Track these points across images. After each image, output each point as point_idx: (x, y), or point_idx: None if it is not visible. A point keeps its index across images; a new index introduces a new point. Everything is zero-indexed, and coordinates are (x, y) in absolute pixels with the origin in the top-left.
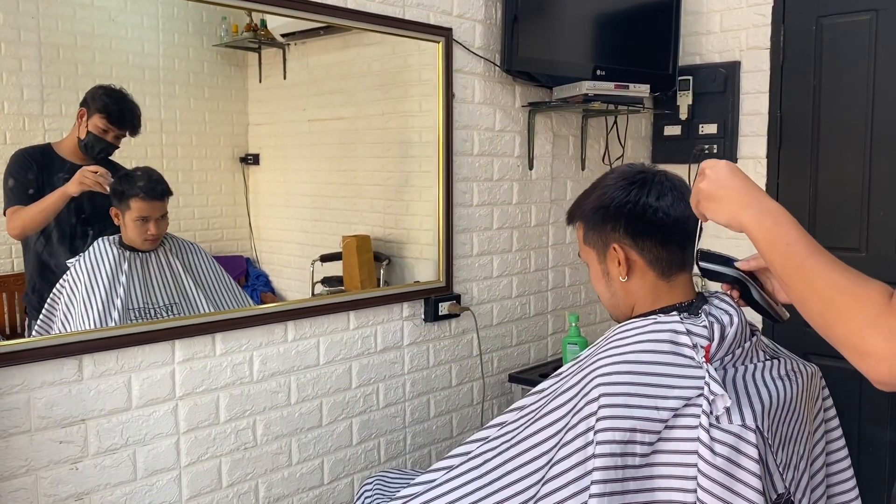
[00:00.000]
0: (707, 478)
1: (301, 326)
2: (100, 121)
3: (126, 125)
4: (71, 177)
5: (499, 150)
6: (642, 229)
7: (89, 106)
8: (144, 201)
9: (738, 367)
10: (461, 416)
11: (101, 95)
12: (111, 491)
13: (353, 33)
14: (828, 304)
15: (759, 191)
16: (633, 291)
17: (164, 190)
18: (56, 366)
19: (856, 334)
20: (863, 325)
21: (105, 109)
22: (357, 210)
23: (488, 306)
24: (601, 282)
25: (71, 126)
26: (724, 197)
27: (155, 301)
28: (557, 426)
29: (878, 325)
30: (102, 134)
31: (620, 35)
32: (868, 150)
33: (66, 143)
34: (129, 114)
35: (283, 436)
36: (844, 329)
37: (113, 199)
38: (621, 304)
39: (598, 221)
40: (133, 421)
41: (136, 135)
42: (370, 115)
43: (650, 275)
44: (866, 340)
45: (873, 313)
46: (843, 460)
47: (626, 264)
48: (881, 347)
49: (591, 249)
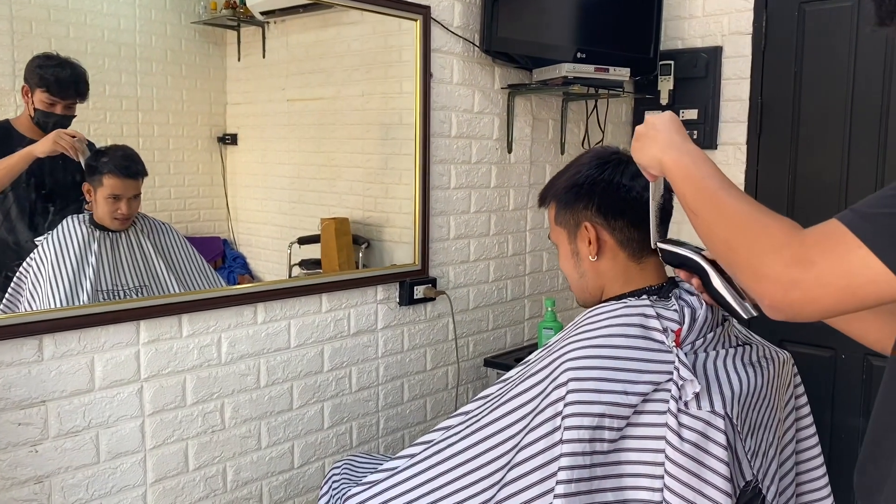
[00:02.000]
0: (674, 464)
1: (271, 308)
2: (42, 95)
3: (69, 93)
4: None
5: (477, 133)
6: (614, 208)
7: (29, 81)
8: (118, 178)
9: (709, 352)
10: (435, 400)
11: (35, 68)
12: (72, 474)
13: (332, 12)
14: (735, 230)
15: (686, 138)
16: (603, 272)
17: (139, 170)
18: (15, 346)
19: (757, 258)
20: (767, 249)
21: (42, 82)
22: (336, 192)
23: (465, 290)
24: (570, 262)
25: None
26: (652, 138)
27: (124, 283)
28: (525, 409)
29: (782, 251)
30: (50, 108)
31: (602, 17)
32: (847, 137)
33: (21, 119)
34: (70, 81)
35: (252, 419)
36: (747, 253)
37: (87, 173)
38: (590, 286)
39: (571, 200)
40: (96, 403)
41: (86, 100)
42: (350, 95)
43: (621, 256)
44: (766, 264)
45: (779, 241)
46: (813, 447)
47: (597, 244)
48: (780, 272)
49: (562, 229)
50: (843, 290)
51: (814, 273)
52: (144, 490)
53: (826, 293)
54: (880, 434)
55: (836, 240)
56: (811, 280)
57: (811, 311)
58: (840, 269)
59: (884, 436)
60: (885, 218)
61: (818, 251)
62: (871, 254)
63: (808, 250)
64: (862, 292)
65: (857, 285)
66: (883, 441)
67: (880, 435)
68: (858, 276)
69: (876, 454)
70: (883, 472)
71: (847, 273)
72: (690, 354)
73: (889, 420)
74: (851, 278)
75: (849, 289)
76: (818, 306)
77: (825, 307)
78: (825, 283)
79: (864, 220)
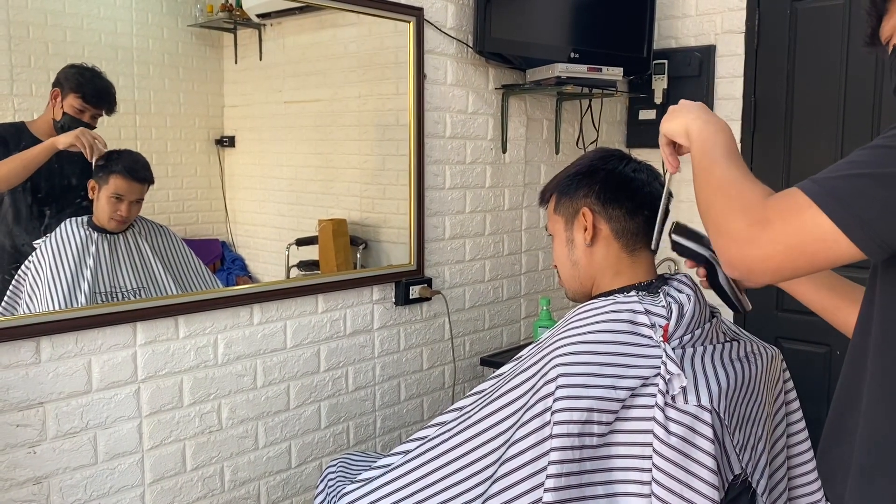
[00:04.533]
0: (661, 457)
1: (267, 309)
2: (75, 101)
3: (102, 104)
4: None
5: (471, 133)
6: (614, 196)
7: (63, 86)
8: (124, 180)
9: (696, 347)
10: (432, 399)
11: (75, 75)
12: (71, 475)
13: (329, 13)
14: (717, 191)
15: (716, 116)
16: (596, 261)
17: (147, 176)
18: (12, 348)
19: (725, 215)
20: (736, 209)
21: (80, 89)
22: (333, 193)
23: (460, 290)
24: (564, 250)
25: (42, 106)
26: (683, 112)
27: (122, 284)
28: (516, 405)
29: (747, 212)
30: (78, 114)
31: (595, 17)
32: (840, 134)
33: (39, 123)
34: (104, 93)
35: (249, 419)
36: (719, 213)
37: (95, 171)
38: (582, 275)
39: (573, 187)
40: (93, 404)
41: (113, 114)
42: (347, 97)
43: (614, 246)
44: (731, 222)
45: (748, 203)
46: (803, 442)
47: (593, 230)
48: (741, 230)
49: (560, 217)
50: (793, 249)
51: (769, 233)
52: (142, 490)
53: (777, 251)
54: (838, 415)
55: (791, 202)
56: (766, 238)
57: (764, 269)
58: (791, 228)
59: (842, 416)
60: (834, 181)
61: (775, 213)
62: (820, 212)
63: (767, 212)
64: (811, 249)
65: (806, 242)
66: (842, 421)
67: (838, 416)
68: (808, 234)
69: (838, 435)
70: (845, 455)
71: (798, 231)
72: (678, 349)
73: (847, 401)
74: (802, 236)
75: (799, 247)
76: (770, 263)
77: (775, 265)
78: (778, 240)
79: (816, 183)
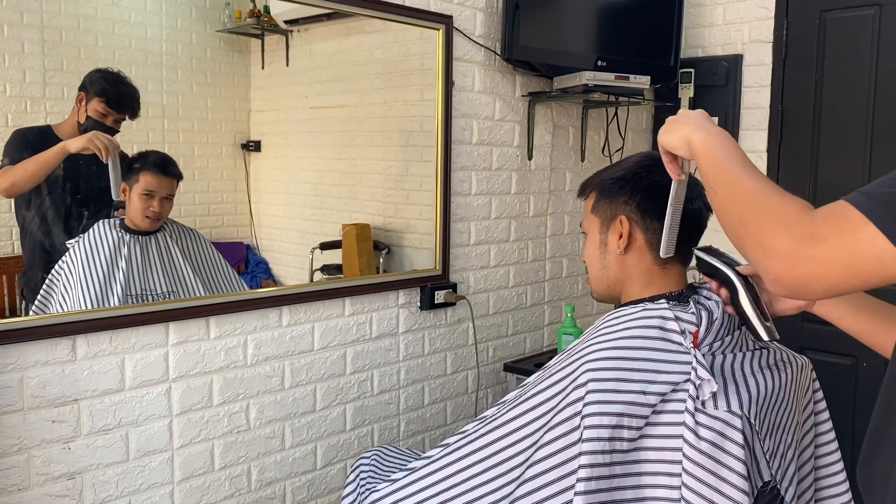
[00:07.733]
0: (692, 462)
1: (296, 312)
2: (99, 105)
3: (125, 108)
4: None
5: (498, 140)
6: (654, 208)
7: (87, 90)
8: (154, 175)
9: (726, 354)
10: (455, 404)
11: (100, 79)
12: (103, 471)
13: (355, 20)
14: (748, 206)
15: (716, 125)
16: (627, 269)
17: (175, 171)
18: (50, 345)
19: (767, 233)
20: (778, 226)
21: (104, 93)
22: (357, 198)
23: (485, 295)
24: (596, 252)
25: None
26: (683, 122)
27: (153, 287)
28: (544, 408)
29: (792, 228)
30: (102, 118)
31: (622, 26)
32: (868, 146)
33: (65, 126)
34: (127, 97)
35: (277, 420)
36: (758, 228)
37: (124, 173)
38: (610, 279)
39: (614, 191)
40: (126, 402)
41: (136, 118)
42: (372, 103)
43: (647, 256)
44: (776, 239)
45: (790, 218)
46: (832, 453)
47: (628, 239)
48: (788, 248)
49: (596, 218)
50: (847, 267)
51: (822, 250)
52: (172, 488)
53: (831, 270)
54: (880, 428)
55: (843, 217)
56: (819, 256)
57: (815, 287)
58: (845, 245)
59: (884, 431)
60: (890, 196)
61: (826, 228)
62: (876, 230)
63: (816, 228)
64: (865, 269)
65: (861, 261)
66: (884, 437)
67: (881, 429)
68: (863, 253)
69: (880, 449)
70: (887, 467)
71: (852, 249)
72: (708, 356)
73: (890, 416)
74: (856, 254)
75: (853, 265)
76: (823, 282)
77: (829, 284)
78: (832, 258)
79: (870, 199)
